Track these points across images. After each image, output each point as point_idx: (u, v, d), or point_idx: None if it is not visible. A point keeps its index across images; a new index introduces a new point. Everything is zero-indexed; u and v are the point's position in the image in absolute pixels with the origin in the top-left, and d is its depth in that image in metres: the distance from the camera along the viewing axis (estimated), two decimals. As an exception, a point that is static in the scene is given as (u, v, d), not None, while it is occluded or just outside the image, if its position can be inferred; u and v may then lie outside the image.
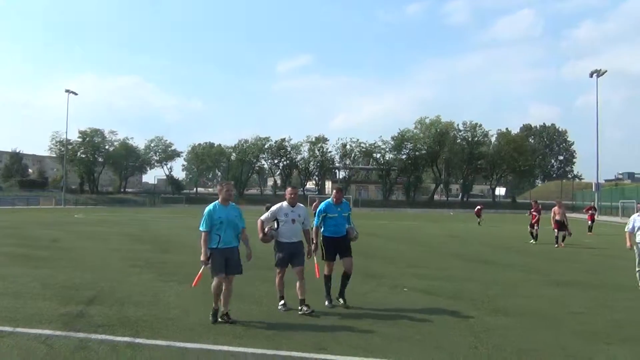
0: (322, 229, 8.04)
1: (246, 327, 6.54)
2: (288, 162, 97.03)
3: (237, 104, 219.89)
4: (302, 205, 7.81)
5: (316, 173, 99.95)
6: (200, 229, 6.80)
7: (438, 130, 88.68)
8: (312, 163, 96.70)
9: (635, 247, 9.99)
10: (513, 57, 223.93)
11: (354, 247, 8.28)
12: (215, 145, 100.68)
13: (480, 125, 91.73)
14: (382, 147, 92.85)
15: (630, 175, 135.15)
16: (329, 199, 8.26)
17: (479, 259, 15.23)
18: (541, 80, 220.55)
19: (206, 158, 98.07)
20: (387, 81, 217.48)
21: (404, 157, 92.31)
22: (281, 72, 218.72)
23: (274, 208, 7.69)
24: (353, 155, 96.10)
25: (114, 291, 8.80)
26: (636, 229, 9.98)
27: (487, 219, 38.12)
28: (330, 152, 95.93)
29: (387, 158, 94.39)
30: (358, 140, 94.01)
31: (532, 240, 21.26)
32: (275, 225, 7.56)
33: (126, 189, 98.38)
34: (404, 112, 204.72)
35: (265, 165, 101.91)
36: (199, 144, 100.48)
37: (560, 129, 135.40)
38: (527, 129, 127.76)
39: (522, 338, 6.28)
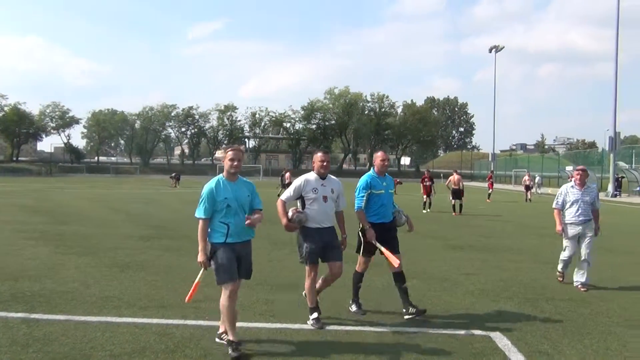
0: (365, 213, 5.98)
1: (152, 299, 6.40)
2: (196, 130, 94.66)
3: (144, 70, 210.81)
4: (334, 177, 5.81)
5: (225, 142, 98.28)
6: (197, 214, 4.69)
7: (347, 100, 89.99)
8: (221, 132, 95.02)
9: (563, 232, 7.67)
10: (419, 31, 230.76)
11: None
12: (119, 112, 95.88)
13: (388, 97, 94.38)
14: (292, 116, 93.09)
15: (523, 146, 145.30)
16: (371, 171, 6.14)
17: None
18: (445, 54, 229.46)
19: (108, 125, 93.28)
20: (299, 50, 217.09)
21: (313, 127, 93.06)
22: (192, 37, 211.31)
23: (298, 182, 5.57)
24: (263, 124, 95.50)
25: (5, 266, 8.25)
26: (567, 204, 7.67)
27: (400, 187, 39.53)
28: (239, 120, 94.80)
29: (297, 128, 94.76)
30: (268, 109, 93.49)
31: (425, 210, 22.15)
32: (300, 206, 5.63)
33: (19, 158, 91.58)
34: (315, 82, 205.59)
35: (172, 134, 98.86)
36: (100, 111, 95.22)
37: (461, 102, 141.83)
38: (431, 101, 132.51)
39: (425, 297, 6.62)
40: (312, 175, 5.62)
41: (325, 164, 5.60)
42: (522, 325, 5.54)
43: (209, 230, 4.71)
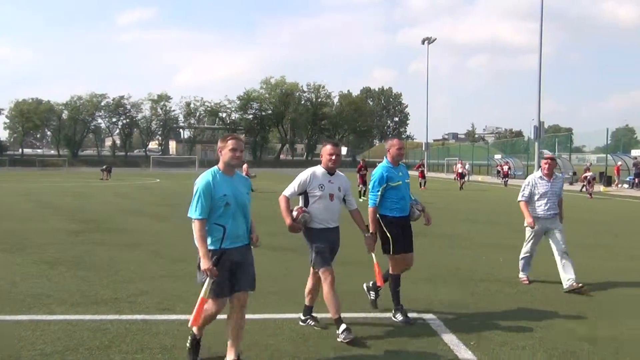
0: (382, 208, 5.46)
1: (85, 295, 6.20)
2: (128, 121, 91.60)
3: (70, 58, 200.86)
4: (342, 174, 5.18)
5: (159, 133, 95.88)
6: (192, 215, 3.95)
7: (283, 90, 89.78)
8: (154, 122, 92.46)
9: (529, 226, 6.97)
10: (356, 22, 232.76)
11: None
12: (44, 101, 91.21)
13: (324, 87, 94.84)
14: (228, 106, 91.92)
15: (454, 136, 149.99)
16: (384, 162, 5.56)
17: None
18: (381, 45, 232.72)
19: (33, 116, 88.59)
20: (234, 39, 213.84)
21: (250, 117, 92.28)
22: (121, 25, 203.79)
23: (303, 176, 4.97)
24: (198, 114, 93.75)
25: None
26: (536, 196, 6.93)
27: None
28: (173, 110, 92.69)
29: (233, 118, 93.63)
30: (203, 99, 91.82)
31: (361, 198, 22.48)
32: (301, 203, 5.01)
33: None
34: (251, 72, 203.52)
35: (103, 125, 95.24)
36: (24, 100, 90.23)
37: (396, 92, 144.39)
38: (366, 92, 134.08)
39: (361, 283, 6.76)
40: (319, 170, 4.99)
41: (335, 157, 4.93)
42: (455, 307, 5.77)
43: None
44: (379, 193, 5.37)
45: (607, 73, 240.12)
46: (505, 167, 40.03)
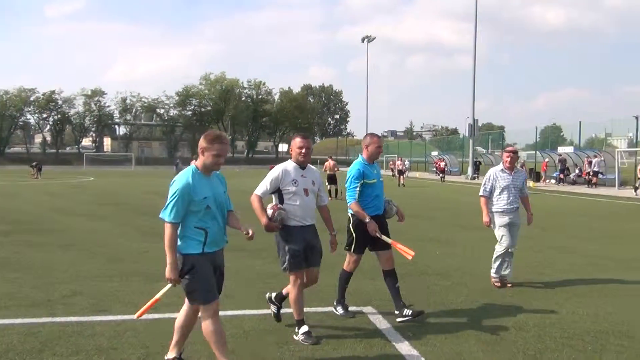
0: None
1: (14, 298, 5.94)
2: (59, 116, 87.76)
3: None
4: (313, 167, 5.00)
5: (93, 129, 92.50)
6: (165, 217, 3.67)
7: (223, 87, 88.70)
8: (88, 118, 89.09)
9: (493, 222, 6.79)
10: (297, 19, 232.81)
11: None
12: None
13: (264, 84, 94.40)
14: (166, 102, 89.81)
15: (394, 133, 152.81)
16: (360, 158, 5.48)
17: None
18: (321, 42, 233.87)
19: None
20: (171, 34, 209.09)
21: (189, 113, 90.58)
22: (50, 17, 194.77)
23: (274, 172, 4.75)
24: (134, 110, 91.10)
25: None
26: (497, 190, 6.73)
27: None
28: (108, 106, 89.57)
29: (171, 114, 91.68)
30: (139, 94, 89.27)
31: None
32: (275, 202, 4.79)
33: None
34: (190, 68, 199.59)
35: (32, 121, 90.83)
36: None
37: (336, 90, 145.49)
38: (307, 89, 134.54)
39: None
40: (290, 165, 4.79)
41: (305, 151, 4.72)
42: (388, 297, 5.88)
43: (179, 238, 3.73)
44: (358, 189, 5.28)
45: (537, 73, 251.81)
46: (442, 164, 41.24)
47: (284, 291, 5.02)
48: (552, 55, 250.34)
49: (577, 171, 32.57)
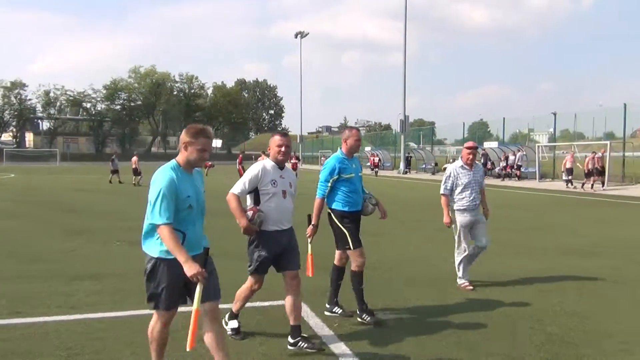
0: (333, 201, 5.22)
1: None
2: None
3: None
4: (290, 167, 4.75)
5: (13, 123, 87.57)
6: (157, 220, 3.27)
7: (154, 80, 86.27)
8: (7, 112, 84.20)
9: (455, 223, 6.49)
10: (230, 12, 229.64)
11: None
12: None
13: (197, 78, 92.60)
14: (93, 96, 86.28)
15: (328, 129, 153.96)
16: (338, 152, 5.30)
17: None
18: (255, 37, 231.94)
19: None
20: (98, 24, 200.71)
21: (117, 107, 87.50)
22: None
23: (253, 171, 4.43)
24: (59, 104, 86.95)
25: None
26: (459, 187, 6.45)
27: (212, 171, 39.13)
28: (30, 99, 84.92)
29: (99, 108, 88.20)
30: (64, 87, 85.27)
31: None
32: (250, 202, 4.46)
33: None
34: (118, 60, 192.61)
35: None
36: None
37: (271, 85, 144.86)
38: (241, 83, 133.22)
39: (225, 272, 6.78)
40: (269, 163, 4.46)
41: (284, 149, 4.41)
42: (320, 292, 5.98)
43: (151, 239, 3.40)
44: (329, 185, 5.12)
45: (465, 71, 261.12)
46: (376, 159, 42.04)
47: (234, 308, 4.73)
48: (479, 53, 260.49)
49: (501, 165, 34.06)
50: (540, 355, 4.24)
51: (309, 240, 5.07)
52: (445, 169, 28.74)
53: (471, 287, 6.28)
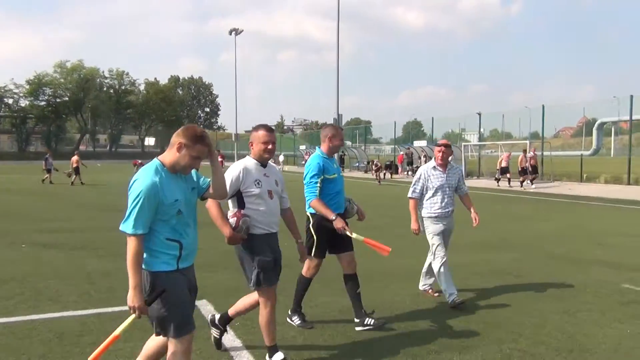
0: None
1: None
2: None
3: None
4: (274, 164, 4.35)
5: None
6: (128, 229, 2.90)
7: (81, 76, 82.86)
8: None
9: (424, 230, 5.82)
10: (166, 8, 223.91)
11: None
12: None
13: (128, 74, 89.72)
14: (15, 91, 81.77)
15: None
16: (318, 151, 4.97)
17: (110, 207, 15.25)
18: (191, 33, 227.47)
19: None
20: (20, 16, 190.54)
21: (42, 103, 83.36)
22: None
23: (234, 172, 4.00)
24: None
25: None
26: (430, 191, 5.72)
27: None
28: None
29: (22, 104, 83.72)
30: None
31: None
32: (232, 207, 4.05)
33: None
34: (43, 54, 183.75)
35: None
36: None
37: (206, 82, 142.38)
38: (175, 81, 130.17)
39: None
40: (250, 162, 4.06)
41: (271, 146, 4.02)
42: (231, 291, 5.91)
43: (146, 253, 2.96)
44: (318, 185, 4.74)
45: (400, 71, 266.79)
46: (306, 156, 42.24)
47: (231, 312, 4.36)
48: (414, 55, 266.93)
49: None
50: (429, 348, 4.39)
51: (348, 231, 4.69)
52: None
53: (459, 300, 5.51)
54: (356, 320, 4.91)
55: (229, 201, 4.04)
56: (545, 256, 8.35)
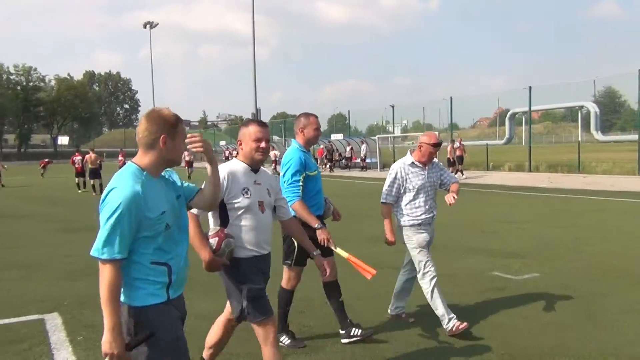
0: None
1: None
2: None
3: None
4: (266, 169, 3.51)
5: None
6: (103, 254, 2.23)
7: (-17, 72, 77.58)
8: None
9: (404, 242, 4.73)
10: (78, 1, 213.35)
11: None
12: None
13: (36, 69, 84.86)
14: None
15: (187, 123, 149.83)
16: (295, 144, 4.31)
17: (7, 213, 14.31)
18: (107, 26, 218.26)
19: None
20: None
21: (-60, 102, 77.33)
22: None
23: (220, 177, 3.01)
24: None
25: None
26: (412, 193, 4.66)
27: (51, 169, 35.89)
28: None
29: None
30: None
31: (80, 190, 21.31)
32: (212, 223, 3.31)
33: None
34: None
35: None
36: None
37: (124, 78, 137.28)
38: (90, 76, 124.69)
39: (48, 287, 6.16)
40: (238, 165, 3.28)
41: (264, 145, 3.23)
42: (88, 302, 5.50)
43: (125, 283, 2.31)
44: (301, 184, 4.11)
45: (324, 65, 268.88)
46: (235, 152, 41.53)
47: (206, 354, 3.59)
48: (338, 48, 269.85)
49: (346, 156, 35.46)
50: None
51: (332, 244, 4.10)
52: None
53: (463, 325, 4.48)
54: (341, 331, 4.44)
55: (209, 215, 3.26)
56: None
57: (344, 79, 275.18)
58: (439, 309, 4.52)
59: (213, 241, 3.09)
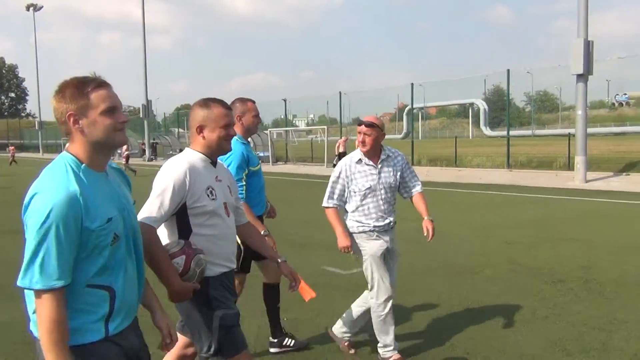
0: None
1: None
2: None
3: None
4: (221, 162, 2.80)
5: None
6: (38, 283, 1.61)
7: None
8: None
9: (357, 252, 3.87)
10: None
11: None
12: None
13: None
14: None
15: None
16: (237, 136, 3.50)
17: None
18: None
19: None
20: None
21: None
22: None
23: (173, 175, 2.44)
24: None
25: None
26: (359, 196, 3.80)
27: None
28: None
29: None
30: None
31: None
32: (169, 237, 2.53)
33: None
34: None
35: None
36: None
37: (10, 64, 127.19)
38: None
39: None
40: (196, 158, 2.58)
41: (231, 131, 2.63)
42: None
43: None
44: (244, 182, 3.56)
45: (232, 57, 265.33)
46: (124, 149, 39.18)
47: None
48: (245, 41, 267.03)
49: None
50: None
51: (279, 258, 3.28)
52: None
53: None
54: (272, 340, 4.06)
55: (163, 226, 2.51)
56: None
57: (254, 71, 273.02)
58: (383, 336, 3.79)
59: (179, 260, 2.35)
